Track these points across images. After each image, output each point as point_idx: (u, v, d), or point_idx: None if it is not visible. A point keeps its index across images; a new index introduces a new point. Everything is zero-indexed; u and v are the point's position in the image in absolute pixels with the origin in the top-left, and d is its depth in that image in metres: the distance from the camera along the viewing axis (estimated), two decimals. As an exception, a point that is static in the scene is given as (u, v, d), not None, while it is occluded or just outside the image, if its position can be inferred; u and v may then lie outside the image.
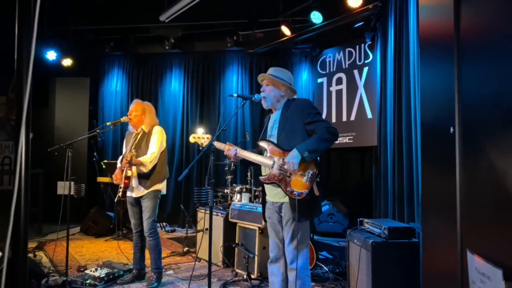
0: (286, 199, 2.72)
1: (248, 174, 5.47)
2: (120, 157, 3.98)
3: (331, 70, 6.64)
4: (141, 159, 3.69)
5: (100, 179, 6.48)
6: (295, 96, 2.97)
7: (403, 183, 4.40)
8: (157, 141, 3.79)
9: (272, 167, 2.75)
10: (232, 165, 5.73)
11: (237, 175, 6.89)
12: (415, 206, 3.99)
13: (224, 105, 7.24)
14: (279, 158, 2.73)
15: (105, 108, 7.82)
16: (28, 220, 1.30)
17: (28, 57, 1.28)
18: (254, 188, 5.10)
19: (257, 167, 2.97)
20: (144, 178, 3.75)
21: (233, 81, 7.40)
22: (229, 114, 7.13)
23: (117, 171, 3.83)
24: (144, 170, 3.73)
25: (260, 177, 2.83)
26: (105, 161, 6.44)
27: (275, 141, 2.81)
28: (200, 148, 3.09)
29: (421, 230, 3.04)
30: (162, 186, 3.87)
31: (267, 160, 2.79)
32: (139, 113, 3.87)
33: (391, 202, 4.75)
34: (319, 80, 6.84)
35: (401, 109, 4.61)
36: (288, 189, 2.66)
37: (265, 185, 2.90)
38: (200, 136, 3.18)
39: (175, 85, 7.66)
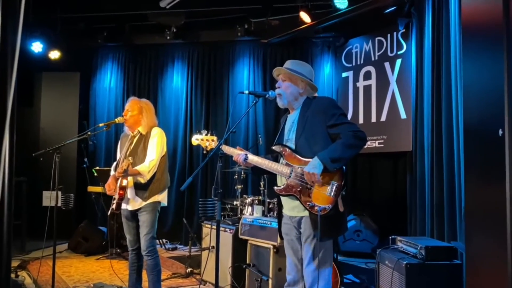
0: (306, 212, 2.72)
1: (261, 183, 5.47)
2: (114, 164, 4.02)
3: (358, 63, 6.61)
4: (139, 168, 3.71)
5: (91, 188, 6.55)
6: (316, 94, 2.96)
7: (442, 194, 4.36)
8: (157, 146, 3.82)
9: (289, 176, 2.75)
10: (242, 173, 5.75)
11: (248, 185, 6.90)
12: (457, 221, 3.95)
13: (233, 103, 7.26)
14: (298, 166, 2.73)
15: (98, 107, 7.92)
16: (12, 236, 1.33)
17: (13, 50, 1.30)
18: (268, 200, 5.09)
19: (271, 176, 2.97)
20: (141, 188, 3.78)
21: (244, 76, 7.42)
22: (239, 114, 7.15)
23: (110, 180, 3.86)
24: (142, 180, 3.76)
25: (275, 188, 2.83)
26: (97, 168, 6.51)
27: (293, 146, 2.81)
28: (205, 152, 3.10)
29: (464, 250, 3.00)
30: (162, 197, 3.90)
31: (284, 168, 2.79)
32: (136, 113, 3.90)
33: (428, 217, 4.71)
34: (344, 75, 6.81)
35: (440, 108, 4.58)
36: (308, 203, 2.66)
37: (282, 197, 2.90)
38: (204, 138, 3.19)
39: (177, 81, 7.72)
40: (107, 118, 7.67)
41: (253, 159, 2.92)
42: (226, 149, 3.03)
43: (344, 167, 2.66)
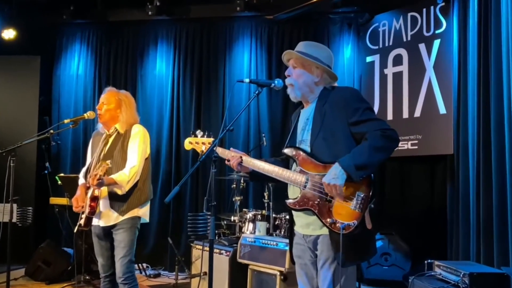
0: (325, 230, 2.71)
1: (265, 194, 5.48)
2: (83, 170, 4.02)
3: (387, 45, 6.60)
4: (116, 177, 3.69)
5: (54, 200, 6.54)
6: (336, 84, 2.96)
7: (491, 208, 4.35)
8: (138, 148, 3.82)
9: (305, 186, 2.75)
10: (242, 181, 5.75)
11: (248, 196, 6.89)
12: (510, 242, 3.94)
13: (230, 95, 7.26)
14: (316, 173, 2.72)
15: (62, 99, 7.92)
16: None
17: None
18: (274, 215, 5.10)
19: (278, 184, 2.96)
20: (118, 199, 3.77)
21: (244, 61, 7.42)
22: (238, 108, 7.14)
23: (79, 191, 3.86)
24: (120, 192, 3.76)
25: (287, 201, 2.82)
26: (62, 174, 6.51)
27: (308, 149, 2.81)
28: (199, 158, 3.10)
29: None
30: (143, 212, 3.89)
31: (298, 176, 2.78)
32: (113, 107, 3.90)
33: (473, 237, 4.70)
34: (369, 59, 6.80)
35: (488, 101, 4.56)
36: (328, 219, 2.65)
37: (294, 212, 2.90)
38: (199, 140, 3.21)
39: (161, 67, 7.72)
40: (74, 113, 7.67)
41: (254, 163, 2.93)
42: (221, 151, 3.04)
43: (372, 175, 2.65)
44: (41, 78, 7.86)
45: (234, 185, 5.93)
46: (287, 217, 4.92)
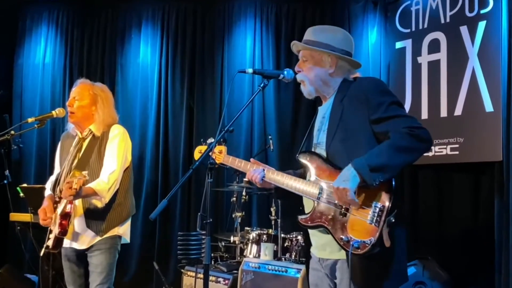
0: (343, 253, 2.71)
1: (272, 209, 5.47)
2: (51, 180, 4.02)
3: (421, 27, 6.58)
4: (94, 185, 3.70)
5: (15, 216, 6.54)
6: (358, 73, 2.98)
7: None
8: (118, 152, 3.83)
9: (318, 198, 2.77)
10: (243, 193, 5.74)
11: (252, 212, 6.91)
12: None
13: (230, 88, 7.27)
14: (332, 182, 2.71)
15: (26, 94, 7.94)
16: None
17: None
18: (284, 235, 5.09)
19: (297, 199, 2.98)
20: (95, 216, 3.78)
21: (247, 47, 7.44)
22: (239, 104, 7.15)
23: (46, 203, 3.87)
24: (99, 204, 3.76)
25: (299, 217, 2.84)
26: (24, 185, 6.51)
27: (324, 153, 2.83)
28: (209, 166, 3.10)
29: None
30: (124, 230, 3.91)
31: (310, 187, 2.81)
32: (86, 103, 3.91)
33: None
34: (399, 45, 6.79)
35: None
36: (342, 236, 2.66)
37: (309, 230, 2.92)
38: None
39: (145, 54, 7.73)
40: (39, 110, 7.68)
41: (274, 177, 2.95)
42: (226, 159, 3.07)
43: (393, 181, 2.65)
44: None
45: (234, 198, 5.92)
46: (299, 237, 4.95)
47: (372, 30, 7.04)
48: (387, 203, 2.60)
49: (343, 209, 2.68)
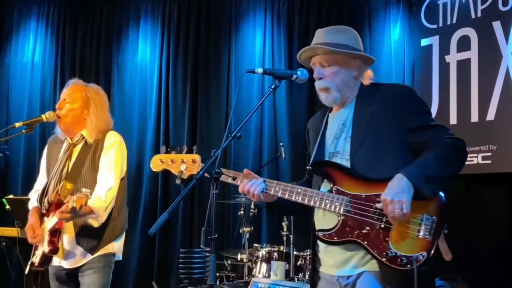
0: (370, 265, 2.74)
1: (284, 224, 5.46)
2: (36, 188, 4.02)
3: (449, 23, 6.57)
4: (92, 204, 3.67)
5: (0, 230, 6.56)
6: (371, 73, 3.02)
7: None
8: (116, 166, 3.80)
9: (347, 211, 2.77)
10: (252, 206, 5.73)
11: (261, 227, 6.91)
12: None
13: (237, 89, 7.27)
14: (361, 194, 2.77)
15: (13, 96, 7.98)
16: None
17: None
18: (296, 252, 5.09)
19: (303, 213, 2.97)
20: (87, 234, 3.76)
21: (256, 45, 7.45)
22: (248, 107, 7.15)
23: (32, 215, 3.85)
24: (95, 223, 3.75)
25: (320, 233, 2.84)
26: (11, 196, 6.52)
27: (347, 163, 2.85)
28: (178, 181, 3.09)
29: None
30: (118, 247, 3.90)
31: (334, 198, 2.80)
32: (78, 106, 3.90)
33: None
34: (425, 42, 6.78)
35: None
36: (385, 252, 2.67)
37: (322, 246, 2.92)
38: (176, 157, 3.17)
39: (144, 53, 7.76)
40: (28, 113, 7.72)
41: (278, 188, 2.91)
42: (224, 172, 3.01)
43: (441, 193, 2.72)
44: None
45: (242, 212, 5.92)
46: None
47: (395, 26, 7.04)
48: (438, 215, 2.69)
49: (383, 223, 2.70)
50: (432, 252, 2.64)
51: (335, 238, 2.77)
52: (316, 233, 2.85)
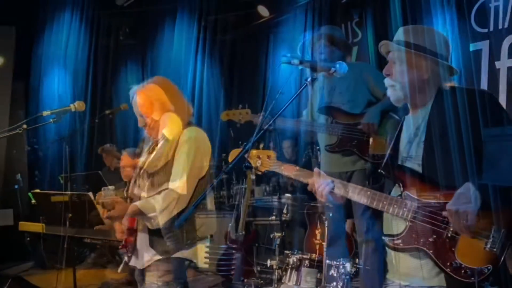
0: (438, 281, 2.77)
1: (317, 231, 5.38)
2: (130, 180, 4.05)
3: (500, 27, 6.57)
4: (141, 204, 3.70)
5: (26, 225, 6.52)
6: (453, 82, 3.02)
7: None
8: (184, 165, 3.72)
9: (414, 217, 2.80)
10: (284, 210, 5.66)
11: (294, 232, 6.82)
12: None
13: (271, 81, 7.27)
14: (431, 201, 2.79)
15: (45, 87, 8.04)
16: None
17: None
18: (329, 261, 5.01)
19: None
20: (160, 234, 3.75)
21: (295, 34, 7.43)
22: (282, 101, 7.07)
23: (120, 205, 3.84)
24: (149, 226, 3.74)
25: (387, 239, 2.90)
26: (37, 190, 6.50)
27: (419, 168, 2.89)
28: (252, 176, 3.13)
29: None
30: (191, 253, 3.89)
31: (403, 204, 2.84)
32: (158, 114, 3.83)
33: None
34: (474, 46, 6.79)
35: None
36: (450, 262, 2.68)
37: (391, 252, 2.99)
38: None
39: (179, 47, 7.74)
40: (58, 107, 7.72)
41: (346, 189, 2.98)
42: (284, 168, 3.10)
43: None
44: (16, 57, 7.96)
45: (274, 216, 5.86)
46: (347, 265, 4.93)
47: (443, 28, 6.98)
48: (508, 228, 2.64)
49: (450, 232, 2.71)
50: (496, 265, 2.61)
51: (401, 245, 2.83)
52: (383, 238, 2.90)
